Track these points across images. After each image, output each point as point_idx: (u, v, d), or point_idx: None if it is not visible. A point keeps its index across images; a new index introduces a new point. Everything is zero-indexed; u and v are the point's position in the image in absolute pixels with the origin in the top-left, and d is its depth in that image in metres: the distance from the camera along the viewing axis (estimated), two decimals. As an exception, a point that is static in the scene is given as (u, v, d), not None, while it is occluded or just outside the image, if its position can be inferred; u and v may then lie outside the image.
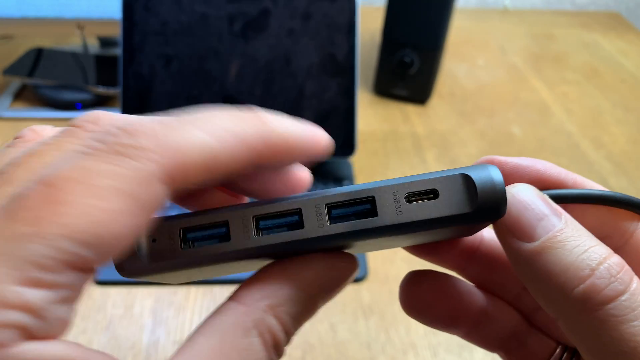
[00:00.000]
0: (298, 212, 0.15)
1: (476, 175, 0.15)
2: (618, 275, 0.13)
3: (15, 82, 0.72)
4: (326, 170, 0.61)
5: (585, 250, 0.14)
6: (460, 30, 0.93)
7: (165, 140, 0.12)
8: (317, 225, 0.15)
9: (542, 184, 0.17)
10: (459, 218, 0.15)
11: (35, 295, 0.11)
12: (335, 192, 0.16)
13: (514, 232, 0.15)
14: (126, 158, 0.12)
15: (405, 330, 0.46)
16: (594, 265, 0.13)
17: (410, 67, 0.70)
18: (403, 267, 0.50)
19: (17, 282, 0.10)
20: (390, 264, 0.50)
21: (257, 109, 0.15)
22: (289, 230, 0.15)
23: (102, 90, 0.68)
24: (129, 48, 0.57)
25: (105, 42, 0.79)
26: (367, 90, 0.76)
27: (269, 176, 0.16)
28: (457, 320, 0.19)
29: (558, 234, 0.14)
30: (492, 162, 0.17)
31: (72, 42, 0.81)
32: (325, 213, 0.15)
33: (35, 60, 0.72)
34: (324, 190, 0.16)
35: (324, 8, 0.57)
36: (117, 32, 0.58)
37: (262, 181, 0.17)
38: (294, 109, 0.58)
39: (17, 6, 0.66)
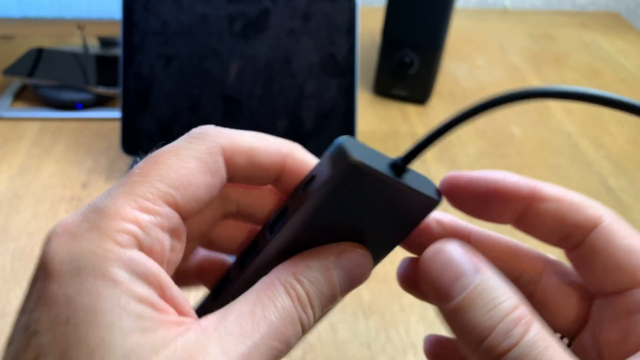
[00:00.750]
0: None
1: (332, 149, 0.18)
2: (512, 331, 0.15)
3: (16, 82, 0.72)
4: (326, 170, 0.61)
5: (489, 311, 0.16)
6: (460, 31, 0.93)
7: (224, 132, 0.19)
8: None
9: (494, 194, 0.19)
10: (331, 185, 0.18)
11: (143, 217, 0.16)
12: None
13: (434, 294, 0.17)
14: (199, 139, 0.18)
15: (405, 330, 0.46)
16: (494, 324, 0.16)
17: (410, 67, 0.70)
18: (403, 267, 0.50)
19: (133, 207, 0.16)
20: (390, 264, 0.50)
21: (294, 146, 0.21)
22: None
23: (102, 90, 0.68)
24: (129, 48, 0.57)
25: (106, 43, 0.79)
26: (367, 91, 0.77)
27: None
28: None
29: (470, 293, 0.16)
30: (450, 177, 0.20)
31: (73, 42, 0.81)
32: None
33: (36, 61, 0.72)
34: None
35: (324, 8, 0.57)
36: (117, 32, 0.58)
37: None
38: (294, 109, 0.58)
39: (18, 6, 0.66)
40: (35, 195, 0.57)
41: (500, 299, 0.16)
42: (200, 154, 0.18)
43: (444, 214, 0.22)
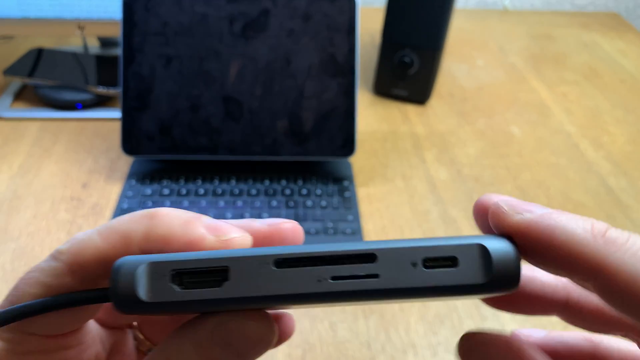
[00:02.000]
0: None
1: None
2: None
3: (16, 82, 0.72)
4: (326, 171, 0.61)
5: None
6: (459, 31, 0.93)
7: (72, 246, 0.17)
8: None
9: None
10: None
11: None
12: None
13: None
14: (52, 260, 0.17)
15: (404, 329, 0.46)
16: None
17: (409, 68, 0.70)
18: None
19: None
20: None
21: (161, 209, 0.18)
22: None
23: (102, 90, 0.68)
24: (129, 48, 0.57)
25: (106, 43, 0.79)
26: (367, 91, 0.77)
27: None
28: None
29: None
30: (489, 201, 0.18)
31: (73, 43, 0.81)
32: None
33: (36, 61, 0.72)
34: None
35: (324, 8, 0.57)
36: (117, 32, 0.59)
37: None
38: (294, 109, 0.58)
39: (18, 6, 0.66)
40: (36, 195, 0.57)
41: None
42: (46, 277, 0.17)
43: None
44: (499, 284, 0.15)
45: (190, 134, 0.58)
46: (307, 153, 0.59)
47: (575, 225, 0.15)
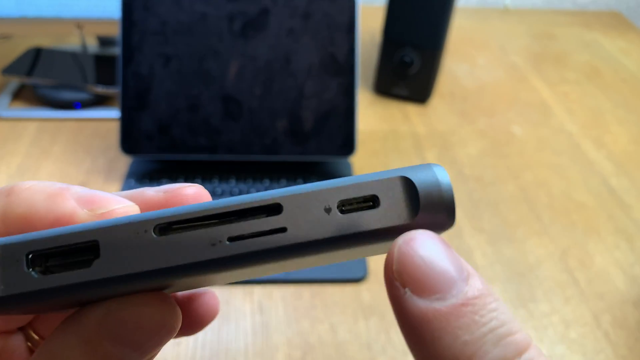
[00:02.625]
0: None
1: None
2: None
3: (14, 82, 0.72)
4: (326, 171, 0.60)
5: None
6: (460, 30, 0.92)
7: None
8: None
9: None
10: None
11: None
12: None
13: (420, 287, 0.12)
14: None
15: (405, 331, 0.45)
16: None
17: (410, 67, 0.70)
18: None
19: None
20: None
21: (20, 183, 0.15)
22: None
23: (101, 89, 0.68)
24: (128, 47, 0.56)
25: (105, 42, 0.79)
26: (367, 90, 0.76)
27: None
28: None
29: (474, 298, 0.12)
30: None
31: (71, 42, 0.80)
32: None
33: (34, 60, 0.72)
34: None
35: (324, 7, 0.57)
36: (116, 31, 0.58)
37: None
38: (293, 109, 0.58)
39: (16, 6, 0.66)
40: (34, 195, 0.57)
41: (502, 317, 0.12)
42: None
43: None
44: (429, 221, 0.13)
45: (190, 133, 0.58)
46: (307, 153, 0.59)
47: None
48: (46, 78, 0.69)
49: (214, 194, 0.57)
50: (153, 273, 0.12)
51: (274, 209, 0.13)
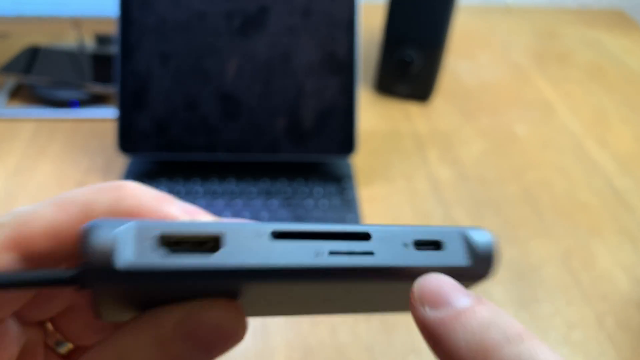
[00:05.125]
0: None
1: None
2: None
3: (11, 81, 0.71)
4: (326, 170, 0.60)
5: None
6: (462, 28, 0.92)
7: (17, 217, 0.15)
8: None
9: None
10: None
11: None
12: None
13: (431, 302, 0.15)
14: None
15: (406, 332, 0.45)
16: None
17: (411, 65, 0.69)
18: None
19: None
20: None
21: (128, 182, 0.16)
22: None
23: (98, 88, 0.67)
24: (126, 46, 0.56)
25: (102, 40, 0.78)
26: (368, 88, 0.76)
27: None
28: None
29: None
30: None
31: (68, 40, 0.80)
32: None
33: (31, 59, 0.72)
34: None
35: (324, 5, 0.56)
36: (113, 30, 0.58)
37: None
38: (293, 108, 0.57)
39: (13, 4, 0.66)
40: (31, 195, 0.56)
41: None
42: None
43: None
44: (480, 268, 0.16)
45: (188, 132, 0.57)
46: (307, 152, 0.58)
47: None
48: (43, 77, 0.68)
49: (213, 194, 0.56)
50: (267, 270, 0.14)
51: (364, 236, 0.16)
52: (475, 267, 0.16)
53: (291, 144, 0.58)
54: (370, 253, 0.16)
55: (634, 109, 0.75)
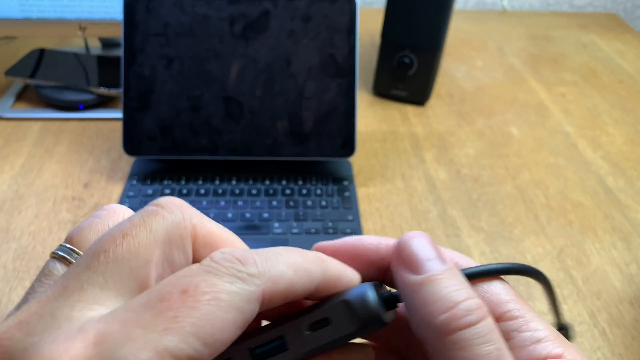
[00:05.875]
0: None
1: (353, 298, 0.18)
2: (474, 311, 0.17)
3: (18, 83, 0.73)
4: (326, 171, 0.61)
5: (455, 290, 0.17)
6: (458, 32, 0.93)
7: (265, 271, 0.16)
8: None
9: (361, 259, 0.20)
10: (350, 335, 0.18)
11: None
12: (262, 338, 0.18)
13: (407, 266, 0.18)
14: (240, 281, 0.15)
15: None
16: (458, 300, 0.17)
17: (409, 68, 0.71)
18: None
19: None
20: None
21: (317, 253, 0.19)
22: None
23: (103, 91, 0.68)
24: (131, 49, 0.57)
25: (107, 43, 0.79)
26: (366, 91, 0.77)
27: None
28: None
29: (439, 273, 0.18)
30: (317, 248, 0.20)
31: (74, 43, 0.81)
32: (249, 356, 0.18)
33: (38, 61, 0.73)
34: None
35: (324, 9, 0.57)
36: (118, 33, 0.59)
37: None
38: (294, 110, 0.59)
39: (20, 7, 0.67)
40: (37, 195, 0.58)
41: (461, 285, 0.17)
42: (240, 302, 0.15)
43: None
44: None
45: (191, 134, 0.59)
46: (307, 153, 0.59)
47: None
48: (49, 79, 0.69)
49: (215, 194, 0.58)
50: None
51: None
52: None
53: (292, 145, 0.59)
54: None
55: (627, 111, 0.77)
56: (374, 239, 0.20)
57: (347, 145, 0.59)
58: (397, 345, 0.22)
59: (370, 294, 0.18)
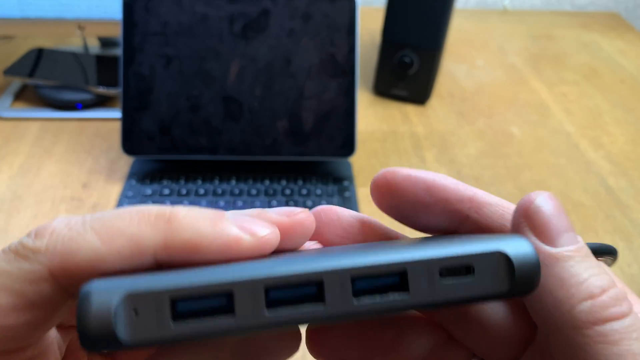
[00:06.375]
0: (319, 283, 0.14)
1: (513, 252, 0.14)
2: (623, 302, 0.14)
3: (16, 82, 0.72)
4: (326, 171, 0.61)
5: (598, 274, 0.14)
6: (459, 31, 0.93)
7: (54, 245, 0.14)
8: (341, 300, 0.13)
9: (432, 193, 0.17)
10: (495, 296, 0.14)
11: None
12: (362, 262, 0.14)
13: (539, 233, 0.15)
14: (21, 259, 0.13)
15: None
16: (604, 287, 0.14)
17: (409, 68, 0.70)
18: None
19: None
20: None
21: (176, 209, 0.15)
22: (305, 303, 0.14)
23: (102, 90, 0.68)
24: (130, 48, 0.57)
25: (106, 43, 0.79)
26: (367, 91, 0.77)
27: None
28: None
29: (577, 250, 0.15)
30: (387, 173, 0.17)
31: (73, 43, 0.81)
32: (349, 287, 0.14)
33: (36, 61, 0.72)
34: (345, 256, 0.14)
35: (324, 8, 0.57)
36: (117, 32, 0.59)
37: None
38: (294, 109, 0.58)
39: (18, 6, 0.67)
40: (36, 195, 0.57)
41: (600, 269, 0.15)
42: (15, 283, 0.13)
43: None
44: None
45: (191, 134, 0.58)
46: (307, 153, 0.59)
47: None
48: (48, 79, 0.69)
49: (215, 194, 0.57)
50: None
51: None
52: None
53: (292, 145, 0.59)
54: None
55: (629, 110, 0.76)
56: (453, 180, 0.17)
57: (347, 145, 0.59)
58: (443, 316, 0.19)
59: (532, 252, 0.14)
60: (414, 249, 0.14)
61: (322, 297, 0.13)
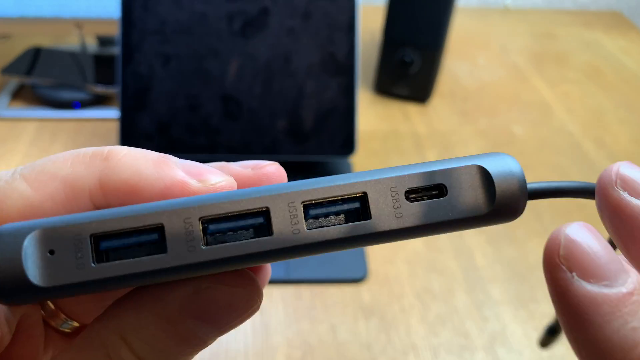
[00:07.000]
0: (264, 212, 0.12)
1: (493, 168, 0.12)
2: None
3: (13, 82, 0.72)
4: (326, 170, 0.60)
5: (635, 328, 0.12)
6: (461, 30, 0.92)
7: None
8: (290, 230, 0.12)
9: None
10: (470, 221, 0.12)
11: None
12: (313, 185, 0.12)
13: (580, 270, 0.13)
14: None
15: (405, 331, 0.45)
16: (637, 343, 0.12)
17: (410, 67, 0.70)
18: (403, 267, 0.50)
19: None
20: (390, 264, 0.50)
21: (116, 147, 0.13)
22: (252, 237, 0.12)
23: (100, 89, 0.68)
24: (128, 47, 0.56)
25: (104, 42, 0.79)
26: (367, 90, 0.76)
27: None
28: None
29: (626, 295, 0.12)
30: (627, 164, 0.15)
31: (71, 42, 0.80)
32: (302, 214, 0.12)
33: (33, 60, 0.72)
34: (296, 182, 0.12)
35: (324, 7, 0.57)
36: (115, 31, 0.58)
37: None
38: (293, 109, 0.58)
39: (16, 5, 0.66)
40: (33, 195, 0.57)
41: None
42: None
43: None
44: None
45: (189, 133, 0.58)
46: (307, 152, 0.58)
47: None
48: (45, 78, 0.69)
49: (213, 194, 0.57)
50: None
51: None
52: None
53: (291, 144, 0.58)
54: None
55: (631, 110, 0.76)
56: None
57: (348, 145, 0.58)
58: None
59: (517, 168, 0.12)
60: (376, 173, 0.12)
61: (269, 228, 0.12)
